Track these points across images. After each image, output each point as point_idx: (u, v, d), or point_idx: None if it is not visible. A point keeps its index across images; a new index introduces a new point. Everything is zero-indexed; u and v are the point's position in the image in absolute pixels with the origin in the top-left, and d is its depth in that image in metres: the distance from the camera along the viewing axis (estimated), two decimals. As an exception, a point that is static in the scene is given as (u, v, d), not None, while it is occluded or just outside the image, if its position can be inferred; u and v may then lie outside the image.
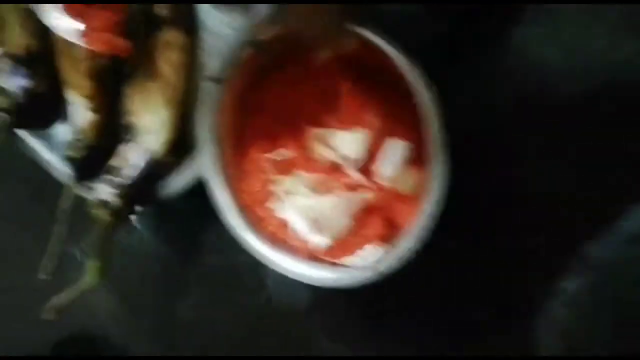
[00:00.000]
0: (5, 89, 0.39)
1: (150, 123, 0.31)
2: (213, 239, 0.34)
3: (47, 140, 0.41)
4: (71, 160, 0.37)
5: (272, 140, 0.26)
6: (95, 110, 0.36)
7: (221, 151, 0.26)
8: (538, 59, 0.33)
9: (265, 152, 0.26)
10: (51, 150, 0.40)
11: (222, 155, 0.26)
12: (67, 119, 0.36)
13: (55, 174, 0.40)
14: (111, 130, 0.37)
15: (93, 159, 0.37)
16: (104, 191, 0.30)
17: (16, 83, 0.39)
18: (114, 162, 0.31)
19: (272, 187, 0.26)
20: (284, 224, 0.26)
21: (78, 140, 0.36)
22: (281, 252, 0.25)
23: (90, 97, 0.35)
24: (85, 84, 0.35)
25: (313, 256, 0.26)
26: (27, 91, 0.39)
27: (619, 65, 0.32)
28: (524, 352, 0.32)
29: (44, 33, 0.38)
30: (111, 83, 0.36)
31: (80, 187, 0.37)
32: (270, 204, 0.26)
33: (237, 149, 0.26)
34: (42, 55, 0.38)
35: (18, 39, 0.38)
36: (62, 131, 0.40)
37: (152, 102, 0.31)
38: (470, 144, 0.30)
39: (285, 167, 0.26)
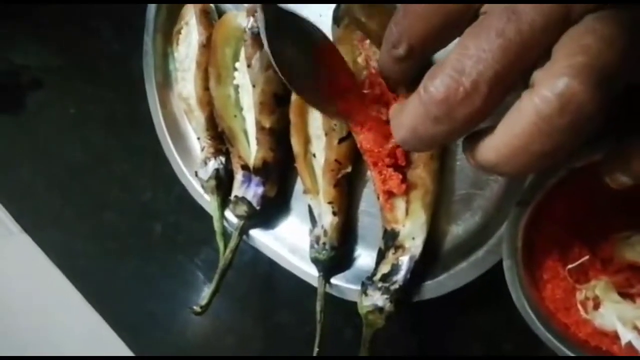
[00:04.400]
0: (246, 198, 0.44)
1: (411, 228, 0.33)
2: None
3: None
4: (318, 261, 0.40)
5: (565, 248, 0.27)
6: (337, 213, 0.39)
7: (518, 264, 0.26)
8: None
9: (559, 259, 0.27)
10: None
11: (519, 267, 0.26)
12: (314, 224, 0.40)
13: (283, 263, 0.44)
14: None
15: (337, 258, 0.40)
16: (379, 298, 0.32)
17: (253, 191, 0.44)
18: (383, 269, 0.33)
19: (577, 295, 0.26)
20: (597, 332, 0.26)
21: (324, 243, 0.39)
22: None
23: (334, 202, 0.38)
24: (330, 190, 0.38)
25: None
26: (262, 198, 0.44)
27: None
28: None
29: (276, 147, 0.42)
30: (348, 188, 0.39)
31: (329, 286, 0.40)
32: (578, 311, 0.26)
33: (530, 258, 0.27)
34: (274, 165, 0.43)
35: (255, 152, 0.42)
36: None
37: (413, 209, 0.33)
38: None
39: (584, 274, 0.26)
